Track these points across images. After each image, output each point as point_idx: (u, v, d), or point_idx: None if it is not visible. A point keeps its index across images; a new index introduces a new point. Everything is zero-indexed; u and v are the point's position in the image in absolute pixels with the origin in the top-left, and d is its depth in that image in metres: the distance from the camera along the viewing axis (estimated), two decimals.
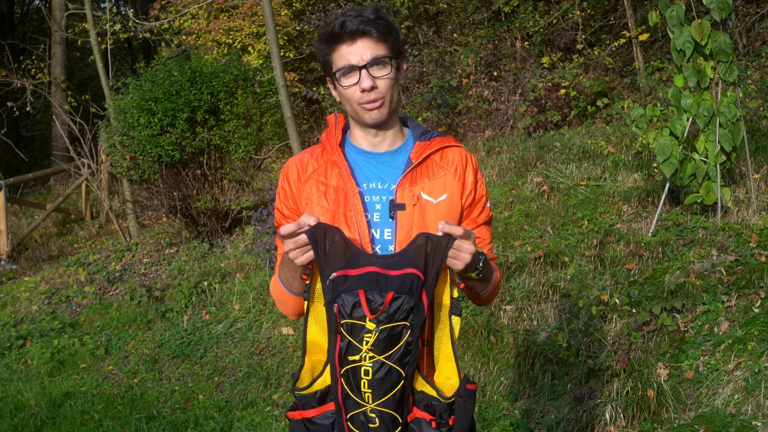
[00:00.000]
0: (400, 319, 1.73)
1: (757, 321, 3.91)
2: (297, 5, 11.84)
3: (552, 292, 4.81)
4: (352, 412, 1.82)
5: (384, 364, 1.75)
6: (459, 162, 2.01)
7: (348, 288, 1.75)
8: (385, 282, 1.75)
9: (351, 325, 1.74)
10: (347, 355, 1.77)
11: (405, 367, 1.77)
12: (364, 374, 1.77)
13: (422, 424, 1.86)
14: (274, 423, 4.65)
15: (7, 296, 8.33)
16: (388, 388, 1.78)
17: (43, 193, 14.30)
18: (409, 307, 1.73)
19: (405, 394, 1.81)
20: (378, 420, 1.81)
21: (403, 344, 1.75)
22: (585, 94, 8.88)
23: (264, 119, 8.12)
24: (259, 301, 6.37)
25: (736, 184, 5.40)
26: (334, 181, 1.97)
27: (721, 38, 4.68)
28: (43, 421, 5.19)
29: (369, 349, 1.74)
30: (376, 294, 1.73)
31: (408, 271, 1.76)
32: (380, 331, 1.73)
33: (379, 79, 1.91)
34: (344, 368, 1.78)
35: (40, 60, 15.06)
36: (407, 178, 1.96)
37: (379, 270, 1.77)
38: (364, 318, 1.73)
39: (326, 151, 2.02)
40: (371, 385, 1.77)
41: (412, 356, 1.77)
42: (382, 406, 1.79)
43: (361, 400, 1.79)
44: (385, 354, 1.75)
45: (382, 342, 1.74)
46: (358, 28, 1.88)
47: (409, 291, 1.74)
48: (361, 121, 1.97)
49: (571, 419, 3.84)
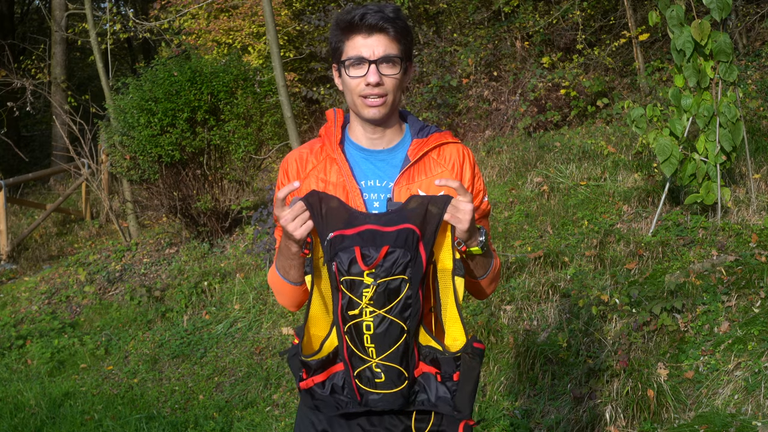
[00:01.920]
0: (398, 273, 1.77)
1: (757, 321, 3.91)
2: (297, 5, 11.84)
3: (552, 292, 4.81)
4: (359, 368, 1.85)
5: (384, 318, 1.79)
6: (456, 158, 2.03)
7: (345, 246, 1.79)
8: (381, 238, 1.79)
9: (350, 282, 1.78)
10: (348, 311, 1.80)
11: (406, 321, 1.80)
12: (366, 329, 1.80)
13: (429, 378, 1.90)
14: (274, 423, 4.65)
15: (7, 296, 8.33)
16: (391, 342, 1.81)
17: (43, 193, 14.30)
18: (406, 260, 1.77)
19: (409, 349, 1.84)
20: (384, 375, 1.84)
21: (402, 298, 1.78)
22: (585, 94, 8.88)
23: (264, 119, 8.12)
24: (259, 301, 6.37)
25: (736, 184, 5.40)
26: (334, 177, 2.00)
27: (721, 38, 4.68)
28: (43, 421, 5.19)
29: (368, 303, 1.78)
30: (372, 249, 1.77)
31: (403, 227, 1.80)
32: (378, 285, 1.77)
33: (386, 77, 1.93)
34: (347, 325, 1.82)
35: (40, 60, 15.07)
36: (404, 176, 1.98)
37: (375, 227, 1.81)
38: (362, 273, 1.77)
39: (325, 147, 2.03)
40: (374, 340, 1.81)
41: (413, 310, 1.80)
42: (387, 360, 1.82)
43: (366, 355, 1.83)
44: (384, 308, 1.78)
45: (381, 296, 1.78)
46: (377, 23, 1.91)
47: (405, 245, 1.77)
48: (358, 114, 1.99)
49: (571, 419, 3.84)
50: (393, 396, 1.86)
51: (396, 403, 1.87)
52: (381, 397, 1.86)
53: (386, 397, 1.86)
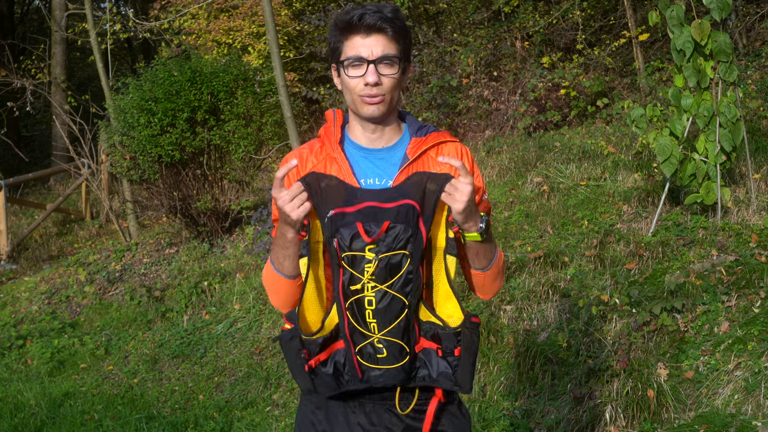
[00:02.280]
0: (399, 248, 1.79)
1: (757, 321, 3.91)
2: (297, 5, 11.84)
3: (552, 292, 4.81)
4: (360, 344, 1.86)
5: (386, 293, 1.81)
6: (455, 156, 2.05)
7: (346, 223, 1.80)
8: (382, 213, 1.81)
9: (351, 257, 1.80)
10: (350, 286, 1.81)
11: (407, 296, 1.82)
12: (367, 304, 1.82)
13: (430, 353, 1.91)
14: (274, 423, 4.65)
15: (7, 296, 8.33)
16: (393, 317, 1.82)
17: (43, 193, 14.30)
18: (407, 235, 1.79)
19: (410, 324, 1.85)
20: (385, 350, 1.85)
21: (403, 273, 1.80)
22: (585, 94, 8.88)
23: (264, 119, 8.12)
24: (259, 301, 6.37)
25: (736, 184, 5.40)
26: (334, 175, 2.01)
27: (721, 38, 4.68)
28: (43, 421, 5.19)
29: (370, 278, 1.80)
30: (374, 225, 1.79)
31: (404, 202, 1.81)
32: (380, 260, 1.79)
33: (385, 77, 1.95)
34: (348, 301, 1.83)
35: (40, 60, 15.07)
36: (403, 173, 1.99)
37: (376, 204, 1.82)
38: (364, 248, 1.79)
39: (325, 146, 2.05)
40: (376, 315, 1.82)
41: (414, 285, 1.82)
42: (388, 336, 1.84)
43: (367, 330, 1.84)
44: (386, 283, 1.80)
45: (382, 271, 1.79)
46: (375, 23, 1.92)
47: (405, 220, 1.79)
48: (358, 113, 2.00)
49: (571, 419, 3.84)
50: (395, 371, 1.87)
51: (398, 378, 1.88)
52: (383, 372, 1.87)
53: (388, 372, 1.87)
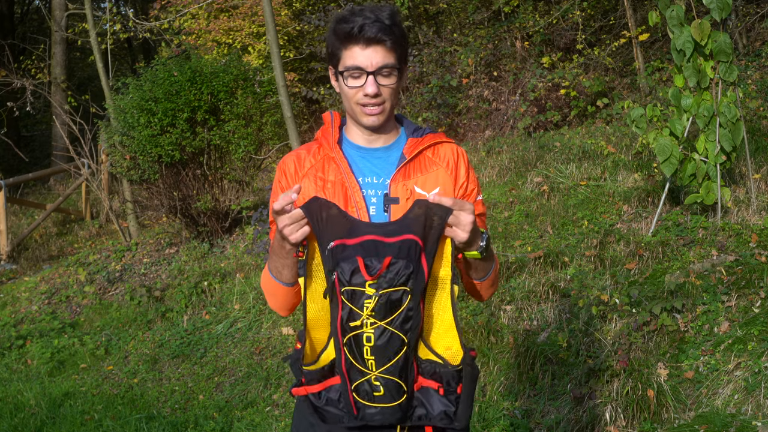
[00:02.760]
0: (400, 284, 1.75)
1: (757, 321, 3.91)
2: (297, 5, 11.84)
3: (552, 292, 4.81)
4: (357, 381, 1.83)
5: (385, 330, 1.77)
6: (451, 156, 2.07)
7: (346, 256, 1.77)
8: (384, 248, 1.77)
9: (351, 292, 1.76)
10: (348, 322, 1.78)
11: (407, 333, 1.78)
12: (366, 341, 1.78)
13: (429, 392, 1.87)
14: (274, 423, 4.65)
15: (7, 296, 8.33)
16: (391, 355, 1.79)
17: (43, 193, 14.29)
18: (408, 272, 1.75)
19: (408, 362, 1.82)
20: (382, 388, 1.82)
21: (403, 310, 1.76)
22: (585, 94, 8.88)
23: (264, 119, 8.12)
24: (259, 301, 6.37)
25: (736, 184, 5.40)
26: (332, 176, 2.02)
27: (721, 38, 4.68)
28: (43, 421, 5.19)
29: (369, 314, 1.76)
30: (375, 260, 1.75)
31: (406, 237, 1.78)
32: (380, 296, 1.75)
33: (384, 87, 1.96)
34: (347, 336, 1.79)
35: (40, 60, 15.07)
36: (401, 172, 2.01)
37: (377, 238, 1.79)
38: (364, 284, 1.75)
39: (323, 147, 2.06)
40: (374, 352, 1.79)
41: (414, 322, 1.78)
42: (386, 374, 1.80)
43: (365, 367, 1.80)
44: (386, 320, 1.77)
45: (382, 307, 1.76)
46: (375, 35, 1.92)
47: (407, 256, 1.75)
48: (357, 120, 2.02)
49: (571, 419, 3.84)
50: (391, 410, 1.83)
51: (394, 417, 1.84)
52: (379, 410, 1.83)
53: (384, 410, 1.83)
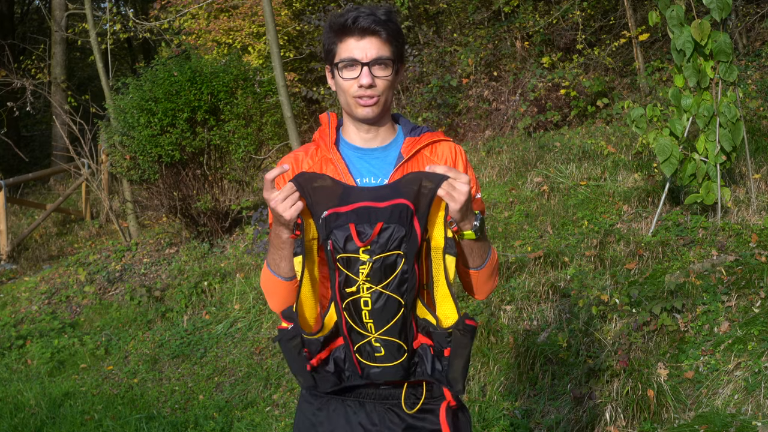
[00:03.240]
0: (393, 249, 1.79)
1: (757, 321, 3.91)
2: (297, 5, 11.84)
3: (552, 292, 4.81)
4: (358, 343, 1.87)
5: (382, 293, 1.82)
6: (449, 155, 2.07)
7: (339, 224, 1.81)
8: (375, 214, 1.81)
9: (346, 259, 1.81)
10: (345, 288, 1.83)
11: (403, 296, 1.83)
12: (363, 305, 1.83)
13: (426, 350, 1.92)
14: (274, 423, 4.65)
15: (7, 296, 8.33)
16: (389, 317, 1.83)
17: (43, 193, 14.29)
18: (400, 235, 1.79)
19: (407, 322, 1.87)
20: (383, 349, 1.87)
21: (398, 273, 1.81)
22: (585, 94, 8.88)
23: (264, 119, 8.12)
24: (259, 301, 6.37)
25: (736, 184, 5.40)
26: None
27: (721, 38, 4.68)
28: (43, 421, 5.19)
29: (365, 279, 1.81)
30: (367, 226, 1.80)
31: (397, 201, 1.81)
32: (374, 262, 1.80)
33: (379, 79, 1.96)
34: (345, 301, 1.84)
35: (40, 60, 15.06)
36: (399, 172, 2.01)
37: (369, 204, 1.82)
38: (357, 250, 1.80)
39: (320, 148, 2.06)
40: (372, 315, 1.84)
41: (410, 284, 1.82)
42: (386, 335, 1.85)
43: (365, 330, 1.85)
44: (381, 284, 1.81)
45: (377, 272, 1.80)
46: (369, 26, 1.94)
47: (399, 220, 1.79)
48: (352, 115, 2.02)
49: (571, 419, 3.84)
50: (393, 368, 1.89)
51: (397, 375, 1.90)
52: (381, 370, 1.89)
53: (387, 369, 1.89)
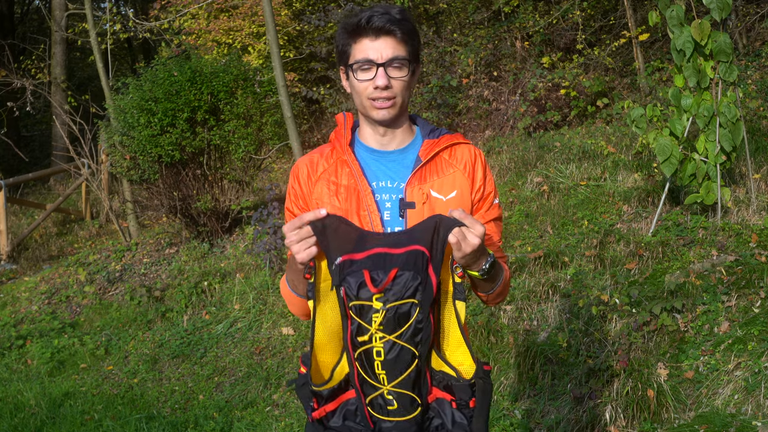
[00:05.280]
0: (407, 297, 1.71)
1: (757, 321, 3.91)
2: (297, 5, 11.84)
3: (552, 292, 4.81)
4: (370, 395, 1.80)
5: (395, 344, 1.74)
6: (468, 158, 2.02)
7: (353, 270, 1.73)
8: (390, 260, 1.73)
9: (359, 307, 1.73)
10: (357, 337, 1.75)
11: (417, 346, 1.75)
12: (376, 355, 1.75)
13: (444, 404, 1.84)
14: (274, 423, 4.65)
15: (7, 296, 8.33)
16: (402, 369, 1.76)
17: (43, 193, 14.29)
18: (416, 283, 1.71)
19: (421, 375, 1.79)
20: (396, 402, 1.79)
21: (413, 322, 1.73)
22: (585, 94, 8.88)
23: (264, 119, 8.12)
24: (259, 301, 6.37)
25: (736, 184, 5.40)
26: (345, 180, 1.98)
27: (721, 38, 4.68)
28: (43, 421, 5.19)
29: (378, 328, 1.73)
30: (381, 272, 1.72)
31: (413, 248, 1.73)
32: (387, 310, 1.71)
33: (395, 80, 1.92)
34: (357, 351, 1.77)
35: (40, 60, 15.06)
36: (416, 176, 1.96)
37: (385, 250, 1.75)
38: (371, 297, 1.71)
39: (336, 150, 2.01)
40: (384, 366, 1.76)
41: (424, 334, 1.74)
42: (398, 387, 1.78)
43: (377, 382, 1.78)
44: (395, 333, 1.73)
45: (391, 321, 1.72)
46: (384, 26, 1.89)
47: (414, 267, 1.71)
48: (368, 115, 1.97)
49: (571, 419, 3.84)
50: (406, 423, 1.81)
51: (410, 430, 1.82)
52: (394, 425, 1.81)
53: (399, 424, 1.81)
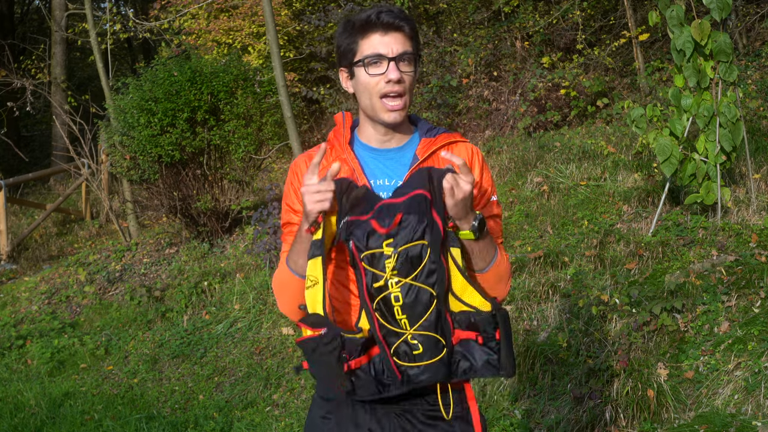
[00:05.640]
0: (416, 239, 1.76)
1: (757, 321, 3.91)
2: (297, 5, 11.84)
3: (552, 292, 4.81)
4: (394, 344, 1.81)
5: (412, 286, 1.77)
6: (465, 156, 2.03)
7: (359, 224, 1.79)
8: (394, 207, 1.79)
9: (370, 256, 1.77)
10: (373, 284, 1.78)
11: (434, 286, 1.78)
12: (395, 301, 1.78)
13: (470, 344, 1.86)
14: (274, 423, 4.65)
15: (7, 296, 8.33)
16: (422, 311, 1.78)
17: (43, 193, 14.29)
18: (423, 225, 1.76)
19: (441, 315, 1.81)
20: (421, 345, 1.80)
21: (426, 263, 1.76)
22: (585, 94, 8.87)
23: (264, 119, 8.12)
24: (259, 301, 6.37)
25: (736, 184, 5.40)
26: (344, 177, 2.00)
27: (721, 38, 4.68)
28: (43, 421, 5.19)
29: (392, 273, 1.76)
30: (387, 219, 1.78)
31: (413, 193, 1.78)
32: (399, 254, 1.76)
33: (405, 74, 1.93)
34: (375, 300, 1.79)
35: (40, 60, 15.06)
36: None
37: (387, 201, 1.81)
38: (381, 244, 1.76)
39: (335, 148, 2.02)
40: (405, 310, 1.78)
41: (439, 275, 1.77)
42: (421, 330, 1.80)
43: (399, 328, 1.80)
44: (410, 276, 1.77)
45: (404, 264, 1.76)
46: (394, 21, 1.92)
47: (418, 210, 1.77)
48: (377, 119, 1.97)
49: (571, 419, 3.84)
50: (434, 366, 1.82)
51: (439, 373, 1.82)
52: (423, 369, 1.82)
53: (428, 368, 1.81)
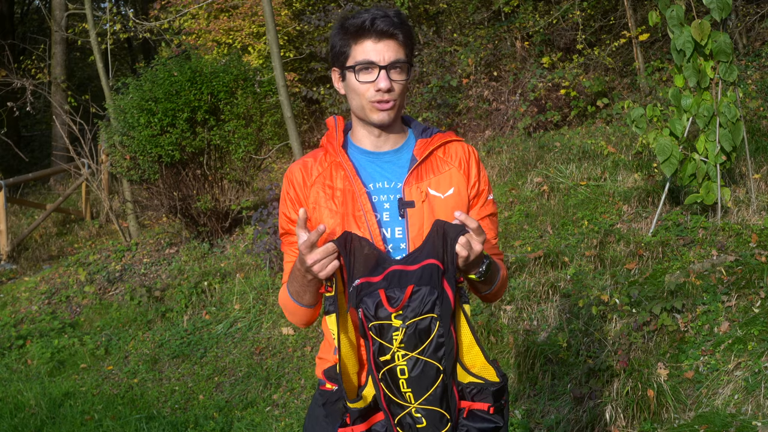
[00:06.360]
0: (426, 312, 1.70)
1: (757, 321, 3.91)
2: (297, 5, 11.84)
3: (552, 292, 4.81)
4: (398, 415, 1.78)
5: (418, 360, 1.72)
6: (462, 155, 2.03)
7: (370, 291, 1.73)
8: (406, 277, 1.73)
9: (379, 327, 1.72)
10: (379, 357, 1.74)
11: (441, 361, 1.73)
12: (400, 374, 1.74)
13: (476, 416, 1.83)
14: (274, 423, 4.65)
15: (7, 296, 8.33)
16: (428, 385, 1.74)
17: (43, 193, 14.29)
18: (433, 298, 1.70)
19: (448, 389, 1.77)
20: (424, 419, 1.76)
21: (434, 337, 1.72)
22: (585, 94, 8.87)
23: (264, 119, 8.12)
24: (259, 301, 6.37)
25: (736, 184, 5.40)
26: (340, 183, 1.97)
27: (721, 38, 4.68)
28: (43, 421, 5.19)
29: (399, 347, 1.71)
30: (397, 290, 1.72)
31: (426, 263, 1.73)
32: (407, 327, 1.71)
33: (395, 83, 1.92)
34: (381, 372, 1.75)
35: (40, 60, 15.07)
36: (413, 175, 1.97)
37: (399, 267, 1.75)
38: (389, 317, 1.71)
39: (329, 153, 2.01)
40: (410, 384, 1.74)
41: (447, 348, 1.73)
42: (426, 404, 1.75)
43: (403, 401, 1.76)
44: (417, 350, 1.72)
45: (411, 338, 1.71)
46: (387, 29, 1.90)
47: (430, 281, 1.71)
48: (366, 119, 1.97)
49: (571, 419, 3.84)
50: None
51: None
52: None
53: None
